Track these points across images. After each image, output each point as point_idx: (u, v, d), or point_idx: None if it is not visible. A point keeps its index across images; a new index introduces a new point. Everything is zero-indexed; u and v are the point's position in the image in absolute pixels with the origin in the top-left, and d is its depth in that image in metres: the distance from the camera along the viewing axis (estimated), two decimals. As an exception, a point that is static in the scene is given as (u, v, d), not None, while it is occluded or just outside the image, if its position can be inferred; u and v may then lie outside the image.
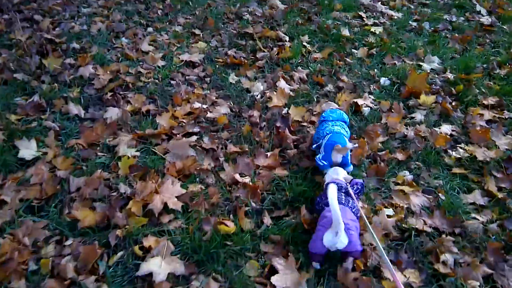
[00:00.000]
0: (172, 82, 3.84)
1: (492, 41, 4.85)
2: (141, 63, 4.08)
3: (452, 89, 3.87)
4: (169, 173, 2.70)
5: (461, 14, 5.59)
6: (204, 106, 3.47)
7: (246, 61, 4.18)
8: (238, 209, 2.52)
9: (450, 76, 4.08)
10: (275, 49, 4.40)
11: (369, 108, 3.58)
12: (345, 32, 4.75)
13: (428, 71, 4.20)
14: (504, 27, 5.18)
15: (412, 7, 5.79)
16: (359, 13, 5.36)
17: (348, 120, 2.96)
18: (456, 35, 4.95)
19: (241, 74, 4.00)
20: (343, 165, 2.57)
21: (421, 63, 4.32)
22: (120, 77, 3.78)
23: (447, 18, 5.41)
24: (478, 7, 5.74)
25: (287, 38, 4.64)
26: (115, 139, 3.03)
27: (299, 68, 4.11)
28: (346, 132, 2.79)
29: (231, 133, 3.22)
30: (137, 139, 3.08)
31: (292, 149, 3.12)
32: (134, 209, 2.41)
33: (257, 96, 3.67)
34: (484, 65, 4.29)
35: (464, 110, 3.65)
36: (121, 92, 3.61)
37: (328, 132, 2.71)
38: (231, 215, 2.52)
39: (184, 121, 3.29)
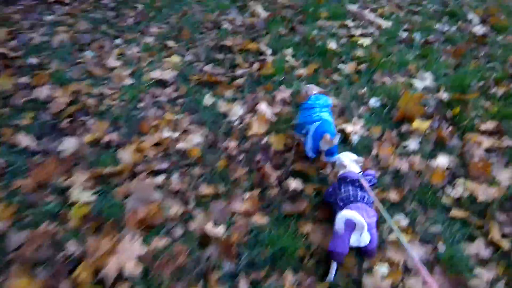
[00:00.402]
0: (140, 105, 3.43)
1: (487, 54, 4.54)
2: (106, 81, 3.65)
3: (448, 111, 3.53)
4: (129, 225, 2.31)
5: (453, 22, 5.28)
6: (175, 135, 3.07)
7: (224, 79, 3.79)
8: (209, 272, 2.13)
9: (444, 96, 3.76)
10: (256, 64, 4.02)
11: (359, 136, 3.21)
12: (332, 45, 4.39)
13: (421, 90, 3.87)
14: (498, 38, 4.87)
15: (402, 14, 5.45)
16: (346, 22, 5.00)
17: (331, 104, 2.94)
18: (449, 47, 4.64)
19: (218, 94, 3.61)
20: (330, 153, 2.69)
21: (413, 80, 3.99)
22: (81, 99, 3.36)
23: (439, 28, 5.10)
24: (470, 15, 5.43)
25: (269, 52, 4.26)
26: (69, 179, 2.61)
27: (282, 87, 3.72)
28: (332, 118, 2.82)
29: (204, 169, 2.83)
30: (95, 179, 2.66)
31: (274, 187, 2.75)
32: (84, 275, 2.01)
33: (235, 122, 3.29)
34: (480, 83, 3.98)
35: (461, 137, 3.31)
36: (80, 118, 3.19)
37: (317, 118, 2.71)
38: (201, 281, 2.13)
39: (150, 154, 2.88)
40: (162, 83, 3.71)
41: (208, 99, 3.55)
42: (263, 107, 3.44)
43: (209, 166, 2.88)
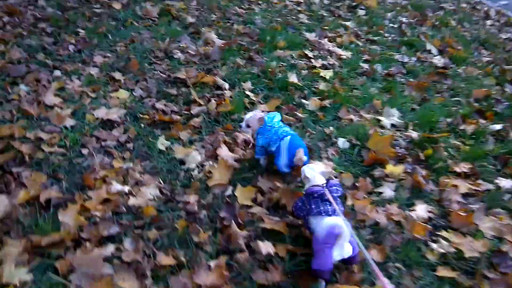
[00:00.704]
0: (84, 151, 2.94)
1: (450, 87, 4.44)
2: (43, 123, 3.14)
3: (419, 153, 3.32)
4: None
5: (412, 53, 5.21)
6: (126, 189, 2.62)
7: (178, 117, 3.39)
8: None
9: (414, 135, 3.56)
10: (213, 100, 3.63)
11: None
12: (293, 78, 4.11)
13: (389, 127, 3.65)
14: (459, 70, 4.81)
15: (360, 44, 5.31)
16: (305, 51, 4.75)
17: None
18: (412, 80, 4.51)
19: (172, 137, 3.20)
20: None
21: (379, 118, 3.77)
22: (14, 145, 2.82)
23: (399, 59, 4.98)
24: (428, 46, 5.39)
25: (226, 85, 3.90)
26: (-1, 252, 2.09)
27: (243, 126, 3.35)
28: None
29: (161, 232, 2.40)
30: (31, 250, 2.16)
31: (244, 251, 2.36)
32: None
33: (193, 170, 2.88)
34: (448, 119, 3.83)
35: (436, 181, 3.09)
36: (13, 170, 2.66)
37: (285, 134, 2.73)
38: None
39: (98, 214, 2.42)
40: (108, 124, 3.26)
41: (162, 143, 3.12)
42: (224, 151, 3.07)
43: (166, 228, 2.46)
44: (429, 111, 3.89)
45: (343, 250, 2.06)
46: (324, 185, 2.33)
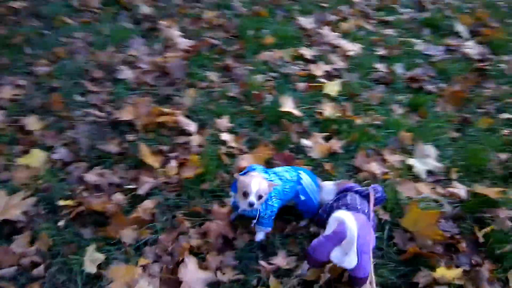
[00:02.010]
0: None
1: (495, 96, 3.23)
2: None
3: (475, 230, 2.22)
4: None
5: (438, 38, 3.92)
6: None
7: (120, 201, 2.23)
8: None
9: (461, 192, 2.47)
10: (173, 162, 2.43)
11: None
12: (288, 103, 2.91)
13: (424, 176, 2.58)
14: (501, 64, 3.57)
15: (371, 28, 4.01)
16: (301, 50, 3.47)
17: None
18: (444, 86, 3.29)
19: (109, 240, 2.07)
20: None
21: (410, 161, 2.63)
22: None
23: (423, 51, 3.73)
24: (456, 26, 4.09)
25: (193, 127, 2.69)
26: None
27: (217, 204, 2.23)
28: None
29: None
30: None
31: None
32: None
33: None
34: (502, 155, 2.68)
35: (504, 281, 2.02)
36: None
37: (295, 173, 2.18)
38: None
39: None
40: (6, 229, 2.06)
41: (91, 259, 1.99)
42: (190, 271, 1.95)
43: None
44: (474, 145, 2.81)
45: (345, 258, 1.70)
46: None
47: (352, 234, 1.64)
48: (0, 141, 2.55)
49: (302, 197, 2.14)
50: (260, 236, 2.16)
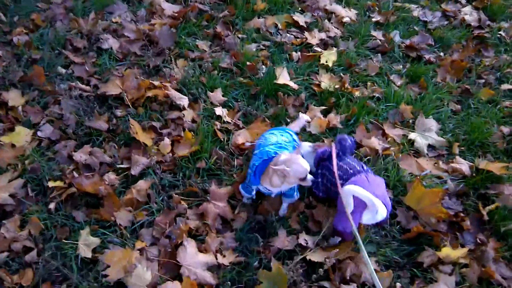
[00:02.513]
0: None
1: (495, 65, 3.16)
2: None
3: (479, 207, 2.20)
4: None
5: (435, 4, 3.79)
6: None
7: (113, 180, 2.16)
8: None
9: (464, 167, 2.41)
10: (166, 139, 2.31)
11: None
12: (283, 75, 2.77)
13: (426, 151, 2.53)
14: (500, 32, 3.48)
15: (365, -11, 3.83)
16: (294, 16, 3.31)
17: None
18: (443, 55, 3.19)
19: (103, 222, 2.03)
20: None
21: (411, 135, 2.55)
22: None
23: (420, 17, 3.61)
24: (453, -11, 3.95)
25: (185, 101, 2.56)
26: None
27: (216, 188, 2.15)
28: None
29: None
30: None
31: None
32: None
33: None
34: (504, 128, 2.65)
35: (509, 259, 2.02)
36: None
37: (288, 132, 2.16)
38: None
39: None
40: None
41: (85, 243, 1.96)
42: (189, 254, 1.91)
43: None
44: (476, 118, 2.76)
45: (376, 215, 1.80)
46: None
47: (369, 198, 1.75)
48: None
49: None
50: (284, 208, 2.11)
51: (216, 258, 1.94)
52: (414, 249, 2.08)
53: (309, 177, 1.85)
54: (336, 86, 2.81)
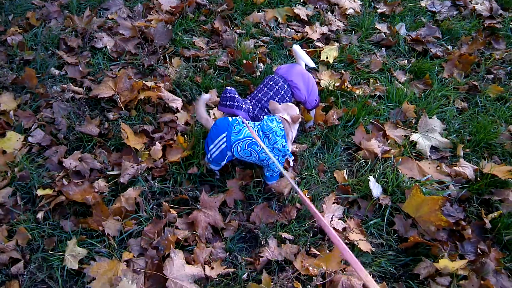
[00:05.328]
0: None
1: (507, 59, 3.00)
2: None
3: (482, 215, 2.10)
4: None
5: None
6: None
7: (102, 188, 2.12)
8: None
9: (468, 171, 2.30)
10: (157, 144, 2.26)
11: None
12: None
13: (429, 153, 2.42)
14: None
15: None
16: (295, 9, 3.20)
17: None
18: (450, 49, 3.04)
19: (91, 232, 2.01)
20: None
21: (414, 136, 2.45)
22: None
23: (428, 7, 3.45)
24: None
25: (179, 103, 2.50)
26: None
27: (205, 191, 2.09)
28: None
29: None
30: None
31: None
32: None
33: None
34: None
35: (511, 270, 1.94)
36: None
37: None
38: None
39: None
40: None
41: (72, 253, 1.95)
42: (176, 268, 1.86)
43: None
44: (483, 116, 2.63)
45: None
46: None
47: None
48: (-30, 123, 2.35)
49: None
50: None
51: (204, 270, 1.89)
52: (411, 259, 2.00)
53: None
54: (337, 84, 2.70)
